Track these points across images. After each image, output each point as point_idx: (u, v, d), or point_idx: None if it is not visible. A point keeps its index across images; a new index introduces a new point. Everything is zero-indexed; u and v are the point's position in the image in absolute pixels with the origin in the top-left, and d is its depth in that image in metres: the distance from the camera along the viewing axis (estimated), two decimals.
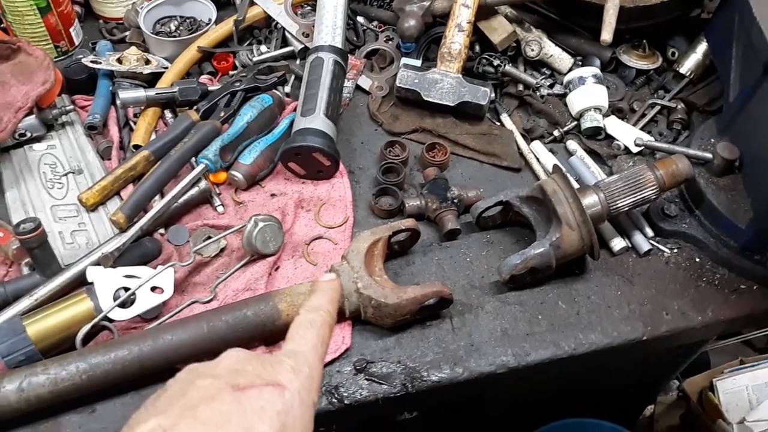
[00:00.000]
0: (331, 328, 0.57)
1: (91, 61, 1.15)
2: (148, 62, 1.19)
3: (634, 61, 1.26)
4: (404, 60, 1.20)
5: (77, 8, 1.28)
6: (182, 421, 0.43)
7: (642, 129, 1.18)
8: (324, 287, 0.62)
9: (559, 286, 1.00)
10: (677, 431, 1.86)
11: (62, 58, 1.25)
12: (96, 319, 0.87)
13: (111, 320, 0.88)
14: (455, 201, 1.03)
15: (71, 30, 1.24)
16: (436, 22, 1.25)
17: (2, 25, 1.22)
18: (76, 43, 1.27)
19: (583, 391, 1.51)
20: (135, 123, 1.13)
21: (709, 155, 1.03)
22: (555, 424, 1.50)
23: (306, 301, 0.60)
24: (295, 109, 1.15)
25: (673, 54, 1.28)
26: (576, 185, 1.01)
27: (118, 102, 1.12)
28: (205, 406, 0.44)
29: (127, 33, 1.27)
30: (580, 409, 1.53)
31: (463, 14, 1.16)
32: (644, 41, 1.26)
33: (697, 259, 1.04)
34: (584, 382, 1.45)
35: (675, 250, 1.04)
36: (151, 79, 1.19)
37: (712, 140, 1.08)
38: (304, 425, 0.47)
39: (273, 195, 1.07)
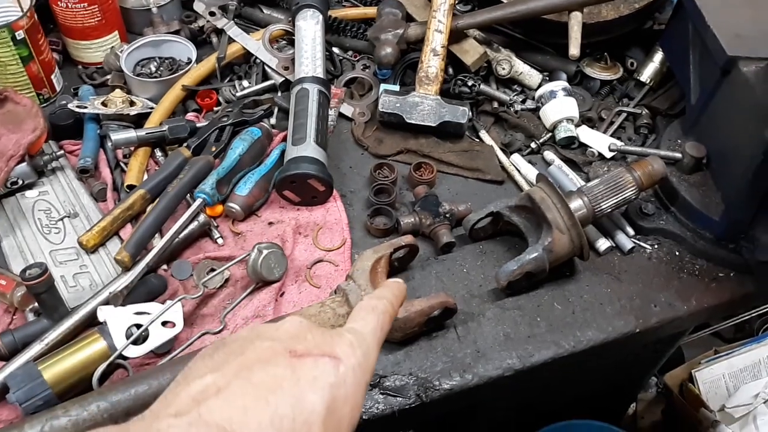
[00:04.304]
0: (391, 319, 0.57)
1: (77, 106, 1.16)
2: (133, 104, 1.21)
3: (597, 73, 1.34)
4: (384, 86, 1.25)
5: (56, 55, 1.29)
6: (236, 380, 0.43)
7: (612, 135, 1.26)
8: (391, 284, 0.63)
9: (552, 288, 1.05)
10: (660, 426, 1.92)
11: (45, 105, 1.26)
12: (111, 357, 0.87)
13: (125, 358, 0.89)
14: (447, 216, 1.08)
15: (52, 77, 1.26)
16: (410, 49, 1.30)
17: None
18: (58, 90, 1.28)
19: (567, 394, 1.55)
20: (125, 164, 1.14)
21: (678, 155, 1.10)
22: (550, 427, 1.54)
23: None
24: (283, 140, 1.19)
25: (632, 64, 1.36)
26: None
27: (109, 144, 1.13)
28: (260, 369, 0.44)
29: (108, 77, 1.29)
30: (565, 412, 1.57)
31: (436, 39, 1.22)
32: (605, 54, 1.34)
33: (677, 253, 1.10)
34: (569, 385, 1.49)
35: (656, 246, 1.11)
36: (137, 120, 1.20)
37: (679, 141, 1.16)
38: (355, 402, 0.47)
39: (270, 223, 1.10)
